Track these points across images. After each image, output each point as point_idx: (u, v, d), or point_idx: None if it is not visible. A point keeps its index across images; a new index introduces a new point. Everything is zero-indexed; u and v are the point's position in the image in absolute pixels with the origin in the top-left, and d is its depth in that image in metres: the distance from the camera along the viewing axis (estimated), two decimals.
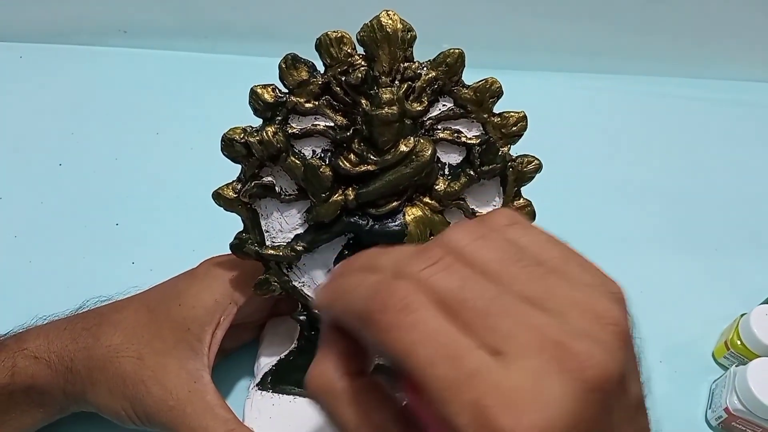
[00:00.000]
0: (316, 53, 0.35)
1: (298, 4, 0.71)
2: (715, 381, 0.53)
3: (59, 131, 0.66)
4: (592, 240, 0.61)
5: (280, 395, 0.43)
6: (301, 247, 0.39)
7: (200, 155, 0.64)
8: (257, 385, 0.44)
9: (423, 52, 0.36)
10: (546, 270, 0.24)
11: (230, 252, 0.41)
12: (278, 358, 0.44)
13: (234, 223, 0.40)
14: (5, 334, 0.43)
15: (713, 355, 0.55)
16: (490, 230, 0.26)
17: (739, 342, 0.52)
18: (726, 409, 0.49)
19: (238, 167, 0.38)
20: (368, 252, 0.27)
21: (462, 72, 0.35)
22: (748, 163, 0.71)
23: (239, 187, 0.38)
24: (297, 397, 0.43)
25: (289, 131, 0.36)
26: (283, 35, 0.63)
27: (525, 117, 0.36)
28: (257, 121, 0.37)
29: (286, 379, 0.43)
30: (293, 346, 0.44)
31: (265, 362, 0.45)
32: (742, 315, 0.54)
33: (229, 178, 0.39)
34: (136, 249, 0.57)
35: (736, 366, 0.51)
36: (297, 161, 0.36)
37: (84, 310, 0.44)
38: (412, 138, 0.36)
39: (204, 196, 0.45)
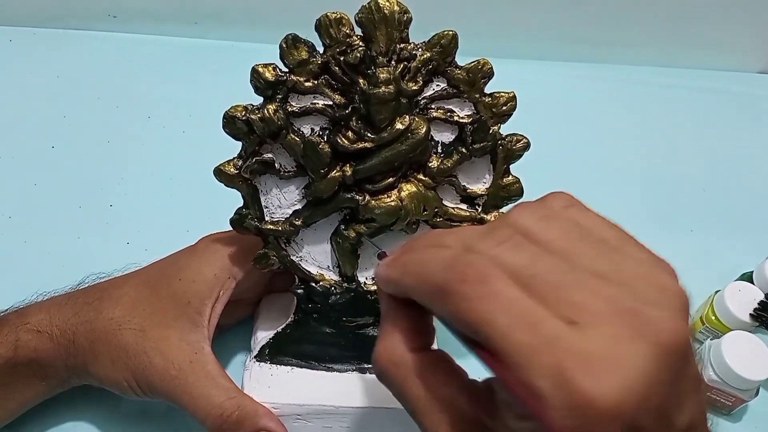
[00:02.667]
0: (315, 35, 0.36)
1: None
2: None
3: (51, 114, 0.66)
4: None
5: (278, 366, 0.44)
6: (299, 223, 0.40)
7: (191, 138, 0.65)
8: (255, 357, 0.45)
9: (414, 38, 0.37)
10: (609, 247, 0.25)
11: (228, 229, 0.42)
12: (275, 331, 0.45)
13: (225, 204, 0.41)
14: (6, 310, 0.43)
15: None
16: (551, 211, 0.27)
17: (713, 317, 0.55)
18: None
19: (229, 150, 0.39)
20: (434, 232, 0.29)
21: (455, 53, 0.37)
22: (721, 148, 0.74)
23: (240, 163, 0.39)
24: (294, 368, 0.45)
25: (289, 109, 0.37)
26: (273, 21, 0.64)
27: (515, 97, 0.38)
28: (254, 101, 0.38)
29: (283, 350, 0.45)
30: (290, 319, 0.45)
31: (262, 336, 0.46)
32: (717, 292, 0.56)
33: (220, 160, 0.40)
34: (130, 229, 0.57)
35: (710, 340, 0.53)
36: (296, 138, 0.38)
37: (84, 286, 0.45)
38: (407, 116, 0.37)
39: (196, 178, 0.46)
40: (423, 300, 0.27)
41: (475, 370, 0.29)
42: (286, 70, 0.37)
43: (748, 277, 0.57)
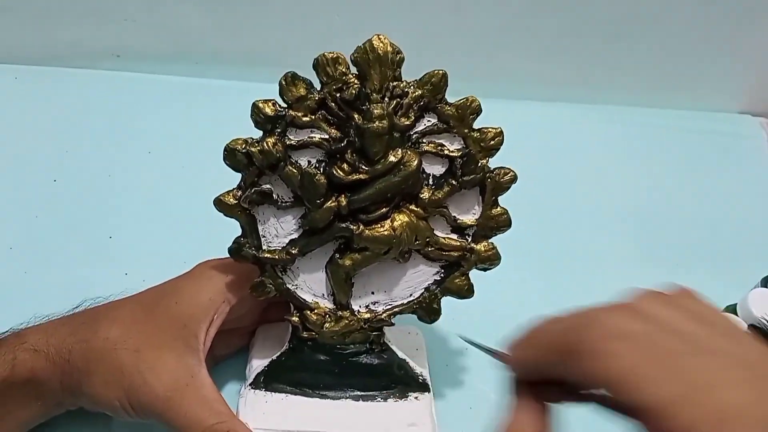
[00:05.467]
0: (311, 74, 0.38)
1: (284, 33, 0.75)
2: None
3: (54, 149, 0.68)
4: (564, 256, 0.66)
5: (273, 393, 0.45)
6: (295, 251, 0.42)
7: (190, 173, 0.67)
8: (250, 384, 0.46)
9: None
10: (721, 330, 0.27)
11: (224, 257, 0.44)
12: (270, 359, 0.46)
13: (221, 237, 0.42)
14: (5, 332, 0.44)
15: None
16: (668, 297, 0.29)
17: None
18: None
19: (226, 185, 0.41)
20: (545, 319, 0.31)
21: (445, 91, 0.39)
22: (705, 185, 0.76)
23: (239, 194, 0.40)
24: (289, 395, 0.45)
25: (287, 142, 0.39)
26: (270, 62, 0.66)
27: (501, 132, 0.40)
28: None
29: (278, 378, 0.46)
30: (285, 347, 0.46)
31: (257, 364, 0.47)
32: None
33: (217, 194, 0.41)
34: (129, 261, 0.58)
35: None
36: (294, 170, 0.39)
37: (81, 309, 0.46)
38: (400, 150, 0.39)
39: (193, 211, 0.47)
40: (553, 367, 0.29)
41: None
42: (285, 105, 0.39)
43: (732, 310, 0.59)
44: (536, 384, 0.31)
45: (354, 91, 0.38)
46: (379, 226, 0.41)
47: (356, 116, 0.38)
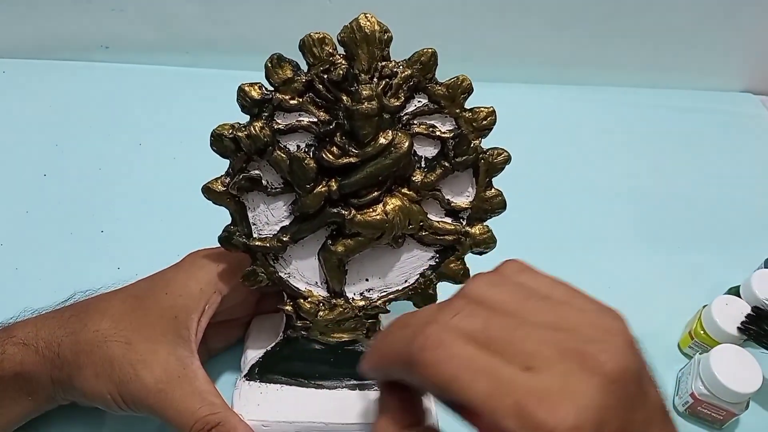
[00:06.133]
0: (299, 54, 0.37)
1: (276, 20, 0.74)
2: (681, 369, 0.55)
3: (43, 143, 0.67)
4: (564, 239, 0.65)
5: (268, 384, 0.44)
6: (286, 239, 0.41)
7: (182, 165, 0.66)
8: (245, 376, 0.45)
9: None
10: (554, 302, 0.29)
11: (214, 246, 0.43)
12: (264, 350, 0.45)
13: (216, 230, 0.42)
14: None
15: (678, 346, 0.58)
16: (502, 278, 0.31)
17: (702, 331, 0.55)
18: (692, 395, 0.51)
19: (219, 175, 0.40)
20: (400, 316, 0.32)
21: (435, 70, 0.38)
22: (707, 166, 0.75)
23: (227, 180, 0.39)
24: (284, 385, 0.45)
25: (275, 127, 0.38)
26: (261, 50, 0.65)
27: (494, 111, 0.39)
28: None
29: (273, 369, 0.45)
30: (279, 338, 0.45)
31: (252, 355, 0.46)
32: (704, 306, 0.57)
33: None
34: (121, 255, 0.58)
35: (700, 354, 0.53)
36: (283, 155, 0.38)
37: (72, 301, 0.45)
38: (390, 131, 0.38)
39: (186, 204, 0.47)
40: (401, 376, 0.30)
41: None
42: (272, 88, 0.38)
43: (735, 291, 0.58)
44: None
45: (341, 72, 0.37)
46: (371, 210, 0.40)
47: (345, 98, 0.37)
